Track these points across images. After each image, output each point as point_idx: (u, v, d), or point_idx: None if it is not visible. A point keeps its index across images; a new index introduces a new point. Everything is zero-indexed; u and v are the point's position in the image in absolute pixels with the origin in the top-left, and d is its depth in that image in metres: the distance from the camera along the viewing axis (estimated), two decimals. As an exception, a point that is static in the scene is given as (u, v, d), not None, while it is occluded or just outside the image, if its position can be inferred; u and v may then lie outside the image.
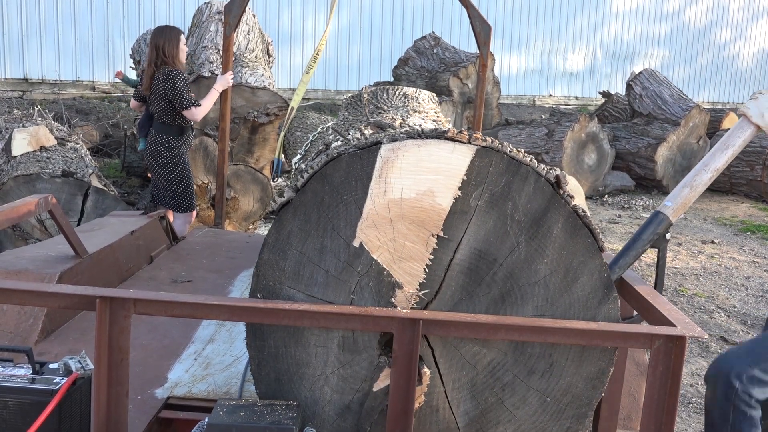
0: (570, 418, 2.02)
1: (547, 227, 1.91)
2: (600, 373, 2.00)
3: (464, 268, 1.94)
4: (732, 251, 7.71)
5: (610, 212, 9.32)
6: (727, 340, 5.18)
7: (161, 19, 12.19)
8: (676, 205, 2.23)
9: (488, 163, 1.88)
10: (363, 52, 14.82)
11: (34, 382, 1.94)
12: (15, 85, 12.17)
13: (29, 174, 5.62)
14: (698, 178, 2.23)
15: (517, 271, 1.94)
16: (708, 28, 18.17)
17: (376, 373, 1.99)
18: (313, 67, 5.25)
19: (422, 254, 1.93)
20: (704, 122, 10.62)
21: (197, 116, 5.25)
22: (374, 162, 1.88)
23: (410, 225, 1.90)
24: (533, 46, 16.47)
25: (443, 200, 1.88)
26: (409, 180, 1.88)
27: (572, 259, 1.94)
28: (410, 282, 1.95)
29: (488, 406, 2.02)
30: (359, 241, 1.92)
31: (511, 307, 1.96)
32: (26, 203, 2.82)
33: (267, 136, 6.95)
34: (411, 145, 1.88)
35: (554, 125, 9.85)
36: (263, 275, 1.99)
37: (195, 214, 5.66)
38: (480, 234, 1.92)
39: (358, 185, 1.90)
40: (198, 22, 7.81)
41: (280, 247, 1.97)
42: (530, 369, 1.99)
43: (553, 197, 1.91)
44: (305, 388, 2.02)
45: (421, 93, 3.27)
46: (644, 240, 2.22)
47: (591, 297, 1.96)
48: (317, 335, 2.00)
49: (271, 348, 2.02)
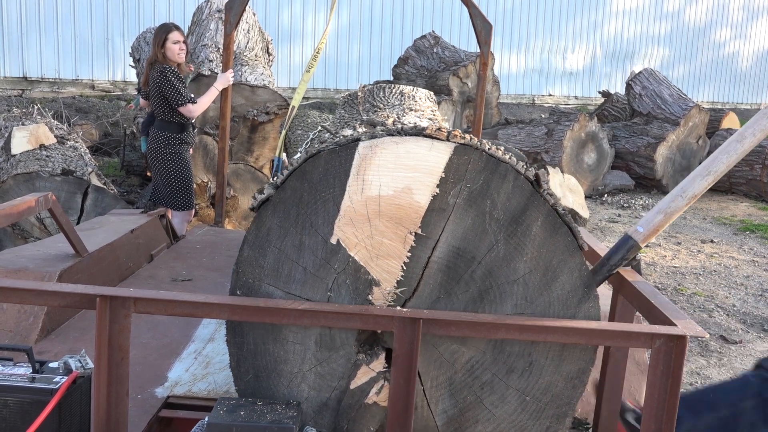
0: (550, 418, 2.01)
1: (527, 225, 1.90)
2: (580, 373, 1.99)
3: (442, 265, 1.93)
4: (731, 250, 7.72)
5: (610, 211, 9.32)
6: (726, 339, 5.18)
7: (161, 17, 12.18)
8: (648, 231, 2.19)
9: (466, 161, 1.87)
10: (363, 51, 14.82)
11: (34, 381, 1.94)
12: (14, 84, 12.16)
13: (29, 172, 5.61)
14: (673, 204, 2.17)
15: (495, 269, 1.93)
16: (708, 28, 18.17)
17: (353, 371, 1.99)
18: (313, 65, 5.25)
19: (400, 252, 1.92)
20: (704, 122, 10.62)
21: (193, 113, 5.23)
22: (352, 159, 1.88)
23: (388, 222, 1.89)
24: (533, 45, 16.46)
25: (421, 198, 1.87)
26: (386, 177, 1.87)
27: (552, 258, 1.92)
28: (387, 279, 1.94)
29: (467, 404, 2.01)
30: (336, 238, 1.92)
31: (490, 305, 1.95)
32: (26, 201, 2.82)
33: (267, 134, 6.94)
34: (389, 143, 1.87)
35: (554, 124, 9.85)
36: (243, 272, 1.99)
37: (194, 212, 5.65)
38: (458, 232, 1.91)
39: (336, 182, 1.89)
40: (198, 21, 7.80)
41: (260, 245, 1.97)
42: (509, 368, 1.98)
43: (532, 195, 1.89)
44: (283, 385, 2.02)
45: (418, 91, 3.26)
46: (612, 265, 2.20)
47: (571, 296, 1.95)
48: (295, 332, 1.99)
49: (250, 345, 2.01)
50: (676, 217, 2.21)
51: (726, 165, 2.15)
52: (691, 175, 2.19)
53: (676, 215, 2.20)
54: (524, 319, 1.91)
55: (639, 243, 2.19)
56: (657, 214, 2.19)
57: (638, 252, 2.22)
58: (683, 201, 2.17)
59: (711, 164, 2.16)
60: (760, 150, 10.14)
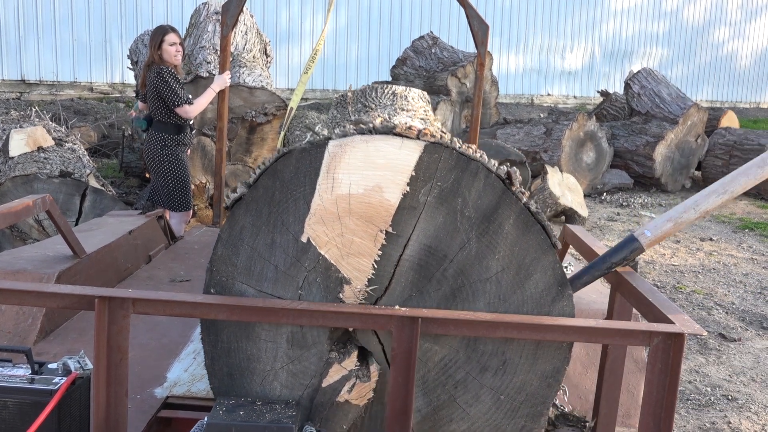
0: (525, 417, 2.00)
1: (499, 223, 1.89)
2: (555, 372, 1.98)
3: (414, 264, 1.92)
4: (730, 248, 7.72)
5: (609, 210, 9.33)
6: (725, 336, 5.18)
7: (159, 20, 12.18)
8: (654, 237, 2.21)
9: (437, 159, 1.86)
10: (361, 52, 14.82)
11: (33, 382, 1.94)
12: (12, 86, 12.15)
13: (27, 174, 5.61)
14: (684, 215, 2.20)
15: (468, 267, 1.92)
16: (706, 27, 18.19)
17: (325, 369, 1.98)
18: (311, 67, 5.26)
19: (371, 250, 1.91)
20: (702, 120, 10.63)
21: (189, 114, 5.24)
22: (322, 157, 1.87)
23: (358, 221, 1.89)
24: (531, 44, 16.47)
25: (391, 196, 1.86)
26: (357, 175, 1.86)
27: (525, 256, 1.91)
28: (358, 278, 1.94)
29: (440, 403, 2.00)
30: (307, 236, 1.91)
31: (462, 303, 1.94)
32: (24, 203, 2.82)
33: (265, 135, 6.94)
34: (359, 141, 1.86)
35: (552, 124, 9.85)
36: (217, 270, 1.98)
37: (191, 213, 5.65)
38: (429, 230, 1.90)
39: (306, 181, 1.89)
40: (195, 23, 7.80)
41: (233, 243, 1.96)
42: (483, 366, 1.97)
43: (504, 193, 1.88)
44: (256, 383, 2.01)
45: (411, 91, 3.25)
46: (613, 263, 2.23)
47: (545, 294, 1.94)
48: (267, 330, 1.98)
49: (224, 343, 2.01)
50: (683, 227, 2.24)
51: (743, 187, 2.18)
52: (706, 190, 2.21)
53: (684, 226, 2.23)
54: (522, 317, 1.90)
55: (644, 246, 2.21)
56: (667, 221, 2.21)
57: (641, 254, 2.23)
58: (694, 214, 2.20)
59: (728, 183, 2.18)
60: (759, 149, 10.15)
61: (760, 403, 4.23)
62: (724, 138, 10.69)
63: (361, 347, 2.02)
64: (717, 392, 4.34)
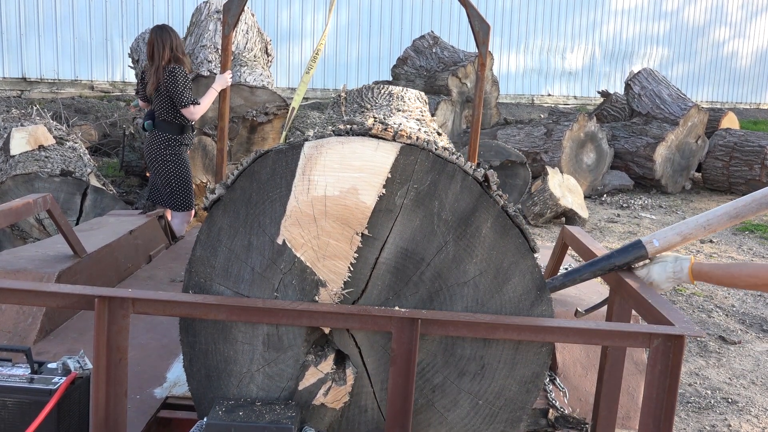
0: (504, 422, 1.99)
1: (476, 227, 1.88)
2: (534, 377, 1.97)
3: (391, 267, 1.91)
4: (730, 250, 7.72)
5: (609, 211, 9.33)
6: (725, 339, 5.18)
7: (160, 18, 12.18)
8: (661, 247, 2.23)
9: (413, 161, 1.85)
10: (362, 51, 14.82)
11: (32, 381, 1.94)
12: (13, 85, 12.16)
13: (27, 173, 5.61)
14: (694, 231, 2.22)
15: (445, 271, 1.90)
16: (706, 27, 18.19)
17: (301, 372, 1.97)
18: (313, 66, 5.25)
19: (347, 252, 1.90)
20: (703, 121, 10.63)
21: (195, 115, 5.25)
22: (298, 159, 1.86)
23: (334, 223, 1.87)
24: (532, 45, 16.47)
25: (367, 198, 1.85)
26: (332, 177, 1.84)
27: (503, 260, 1.90)
28: (334, 280, 1.92)
29: (418, 407, 1.98)
30: (283, 238, 1.90)
31: (440, 307, 1.92)
32: (24, 202, 2.82)
33: (266, 135, 6.94)
34: (335, 143, 1.85)
35: (553, 125, 9.85)
36: (195, 272, 1.98)
37: (193, 213, 5.65)
38: (406, 233, 1.88)
39: (282, 182, 1.87)
40: (197, 21, 7.80)
41: (211, 244, 1.95)
42: (461, 371, 1.95)
43: (481, 196, 1.87)
44: (233, 386, 2.00)
45: (408, 92, 3.24)
46: (616, 265, 2.25)
47: (523, 298, 1.93)
48: (244, 332, 1.97)
49: (202, 344, 2.00)
50: (690, 242, 2.28)
51: (755, 214, 2.20)
52: (719, 210, 2.22)
53: (691, 240, 2.27)
54: (522, 319, 1.90)
55: (649, 254, 2.23)
56: (676, 234, 2.23)
57: (644, 261, 2.25)
58: (703, 231, 2.23)
59: (742, 208, 2.19)
60: (759, 150, 10.15)
61: (760, 406, 4.23)
62: (725, 139, 10.69)
63: (338, 350, 2.00)
64: (717, 395, 4.34)
